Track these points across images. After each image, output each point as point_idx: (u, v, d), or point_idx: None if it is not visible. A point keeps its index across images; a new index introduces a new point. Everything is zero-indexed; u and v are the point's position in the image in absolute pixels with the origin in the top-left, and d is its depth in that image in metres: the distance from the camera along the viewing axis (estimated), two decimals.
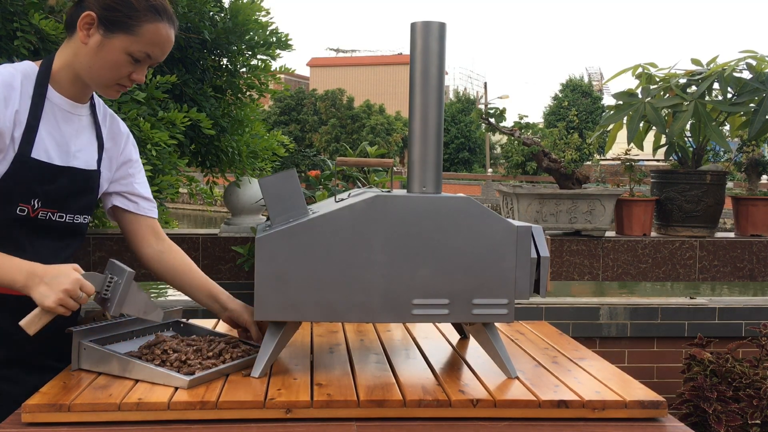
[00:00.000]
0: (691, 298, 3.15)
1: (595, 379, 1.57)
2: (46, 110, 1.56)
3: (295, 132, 38.06)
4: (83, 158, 1.64)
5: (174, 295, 9.41)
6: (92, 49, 1.52)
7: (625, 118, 3.07)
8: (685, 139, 3.17)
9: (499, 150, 36.59)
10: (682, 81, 3.06)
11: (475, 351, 1.76)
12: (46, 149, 1.55)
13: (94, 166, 1.67)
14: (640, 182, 3.21)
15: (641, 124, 3.04)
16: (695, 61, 3.17)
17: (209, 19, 2.65)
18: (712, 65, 3.08)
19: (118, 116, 1.81)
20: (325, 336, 1.90)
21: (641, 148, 3.15)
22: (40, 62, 1.60)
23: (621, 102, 3.10)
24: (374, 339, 1.88)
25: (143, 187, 1.80)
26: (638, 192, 3.14)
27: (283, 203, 1.49)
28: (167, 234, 1.86)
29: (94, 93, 1.69)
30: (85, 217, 1.68)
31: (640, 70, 3.21)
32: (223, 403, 1.36)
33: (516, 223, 1.52)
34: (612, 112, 3.13)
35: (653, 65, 3.20)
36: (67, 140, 1.60)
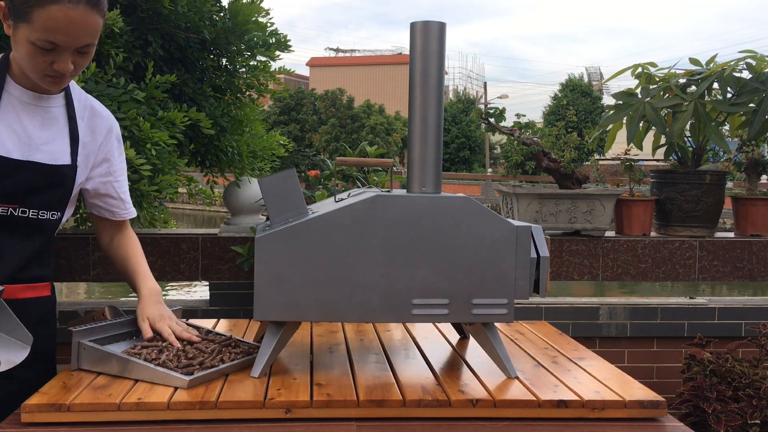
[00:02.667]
0: (690, 298, 3.15)
1: (594, 379, 1.57)
2: (4, 102, 1.50)
3: (295, 132, 38.06)
4: (49, 151, 1.56)
5: (173, 296, 9.42)
6: (11, 40, 1.46)
7: (625, 119, 3.07)
8: (685, 139, 3.17)
9: (499, 150, 36.61)
10: (682, 81, 3.06)
11: (474, 351, 1.76)
12: (3, 142, 1.49)
13: (65, 161, 1.59)
14: (640, 182, 3.21)
15: (641, 124, 3.04)
16: (694, 61, 3.17)
17: (209, 18, 2.65)
18: (711, 65, 3.08)
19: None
20: (325, 336, 1.90)
21: (641, 148, 3.15)
22: (2, 55, 1.54)
23: (621, 102, 3.10)
24: (374, 339, 1.88)
25: (122, 187, 1.76)
26: (638, 192, 3.14)
27: (282, 203, 1.49)
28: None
29: (70, 84, 1.63)
30: (53, 214, 1.61)
31: (639, 70, 3.21)
32: (222, 403, 1.36)
33: (516, 222, 1.52)
34: (612, 112, 3.13)
35: (653, 65, 3.20)
36: (30, 133, 1.53)
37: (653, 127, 3.06)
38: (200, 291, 9.16)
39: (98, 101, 1.74)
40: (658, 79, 3.13)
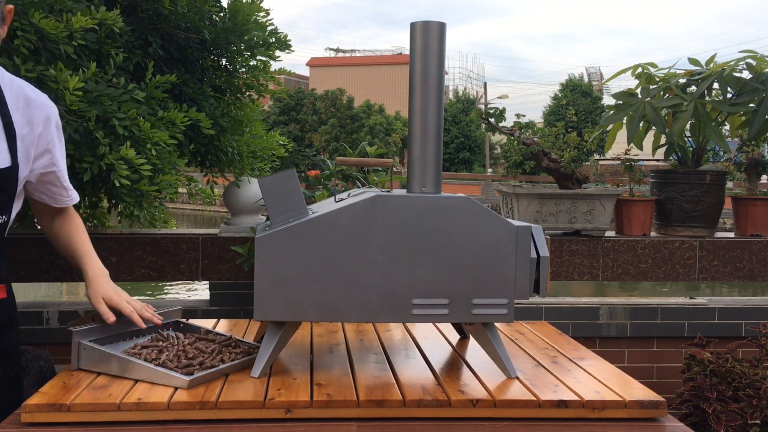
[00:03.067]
0: (690, 298, 3.15)
1: (594, 379, 1.57)
2: None
3: (295, 132, 38.06)
4: None
5: (173, 295, 9.42)
6: None
7: (625, 119, 3.07)
8: (685, 139, 3.17)
9: (499, 150, 36.61)
10: (682, 81, 3.06)
11: (474, 351, 1.76)
12: None
13: (5, 162, 1.50)
14: (640, 182, 3.21)
15: (641, 124, 3.04)
16: (693, 61, 3.16)
17: (209, 19, 2.65)
18: (711, 65, 3.08)
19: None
20: (325, 336, 1.90)
21: (641, 148, 3.15)
22: None
23: (621, 102, 3.10)
24: (374, 339, 1.88)
25: (65, 175, 1.69)
26: (638, 192, 3.14)
27: (282, 203, 1.49)
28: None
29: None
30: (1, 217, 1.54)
31: (639, 70, 3.21)
32: (222, 403, 1.36)
33: (516, 223, 1.52)
34: (612, 112, 3.13)
35: (653, 65, 3.20)
36: None
37: (653, 127, 3.06)
38: (200, 291, 9.16)
39: (33, 87, 1.63)
40: (658, 79, 3.13)
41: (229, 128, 2.80)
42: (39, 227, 1.77)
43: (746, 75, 2.96)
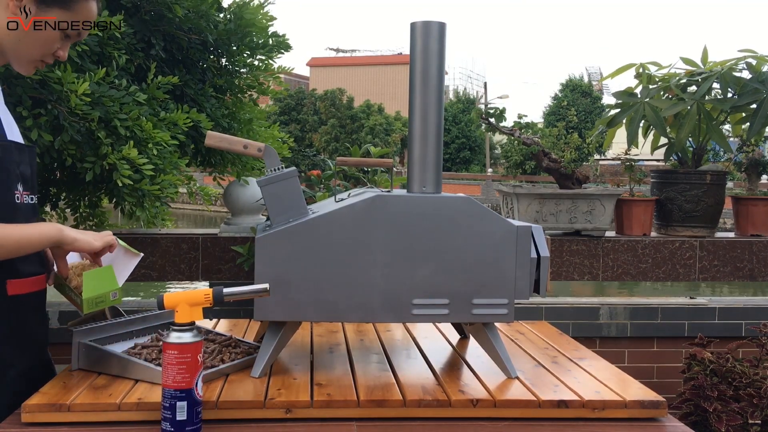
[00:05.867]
0: (691, 298, 3.15)
1: (594, 379, 1.57)
2: None
3: (295, 132, 38.03)
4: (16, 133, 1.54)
5: None
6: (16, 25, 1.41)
7: (625, 119, 3.07)
8: None
9: (499, 150, 36.58)
10: (682, 81, 3.06)
11: (475, 351, 1.76)
12: (9, 127, 1.48)
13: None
14: (640, 182, 3.21)
15: (641, 124, 3.04)
16: (687, 61, 3.14)
17: (212, 20, 2.65)
18: (708, 63, 3.07)
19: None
20: (325, 336, 1.90)
21: (637, 146, 3.15)
22: None
23: (621, 101, 3.10)
24: (374, 339, 1.88)
25: None
26: (638, 192, 3.14)
27: (283, 203, 1.49)
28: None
29: None
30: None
31: (640, 69, 3.20)
32: (222, 403, 1.36)
33: (516, 223, 1.52)
34: (612, 111, 3.13)
35: (655, 64, 3.20)
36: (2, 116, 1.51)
37: (653, 127, 3.06)
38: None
39: None
40: (657, 79, 3.13)
41: (238, 128, 2.80)
42: None
43: (746, 75, 2.96)
